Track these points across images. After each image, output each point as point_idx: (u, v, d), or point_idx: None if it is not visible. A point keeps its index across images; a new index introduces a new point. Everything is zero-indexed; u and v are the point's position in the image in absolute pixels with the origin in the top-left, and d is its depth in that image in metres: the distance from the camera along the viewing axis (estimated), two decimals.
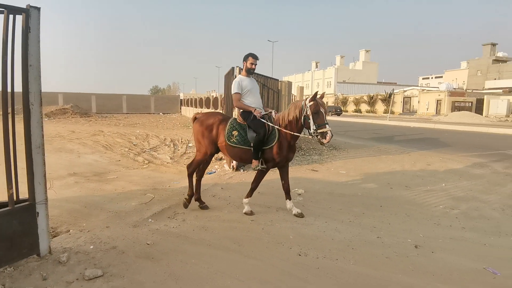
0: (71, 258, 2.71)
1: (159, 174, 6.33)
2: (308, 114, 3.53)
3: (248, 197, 3.99)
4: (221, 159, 7.80)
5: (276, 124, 3.76)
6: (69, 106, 25.40)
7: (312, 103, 3.52)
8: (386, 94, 38.65)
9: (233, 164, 6.47)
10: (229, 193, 4.86)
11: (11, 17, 2.36)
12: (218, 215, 3.93)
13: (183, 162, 7.70)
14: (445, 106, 34.67)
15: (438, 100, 36.37)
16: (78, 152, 8.64)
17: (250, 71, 4.01)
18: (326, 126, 3.46)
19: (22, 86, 2.42)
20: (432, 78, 73.76)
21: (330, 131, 3.47)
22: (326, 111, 3.59)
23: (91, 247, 2.94)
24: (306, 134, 3.75)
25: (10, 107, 2.43)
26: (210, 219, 3.78)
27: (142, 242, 3.09)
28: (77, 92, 33.98)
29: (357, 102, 45.84)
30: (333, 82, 60.76)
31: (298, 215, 3.90)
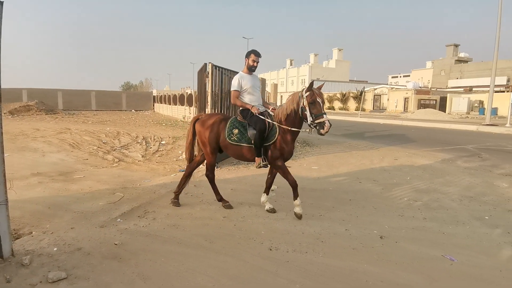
0: (34, 260, 2.62)
1: (130, 172, 6.16)
2: (304, 105, 3.47)
3: (296, 197, 3.73)
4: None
5: (275, 119, 3.72)
6: (33, 103, 23.96)
7: (308, 93, 3.45)
8: (358, 91, 39.83)
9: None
10: (202, 190, 4.82)
11: None
12: (190, 213, 3.89)
13: (155, 160, 7.55)
14: (412, 103, 36.28)
15: (405, 98, 37.99)
16: (42, 151, 8.22)
17: (251, 69, 3.98)
18: (324, 116, 3.37)
19: None
20: (400, 76, 76.87)
21: (328, 121, 3.36)
22: (324, 101, 3.50)
23: (55, 249, 2.83)
24: (306, 129, 3.64)
25: None
26: (181, 217, 3.74)
27: (109, 242, 3.01)
28: (42, 88, 32.08)
29: (330, 100, 46.85)
30: (307, 79, 61.65)
31: (270, 211, 3.94)
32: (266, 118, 3.75)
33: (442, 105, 34.06)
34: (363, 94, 33.80)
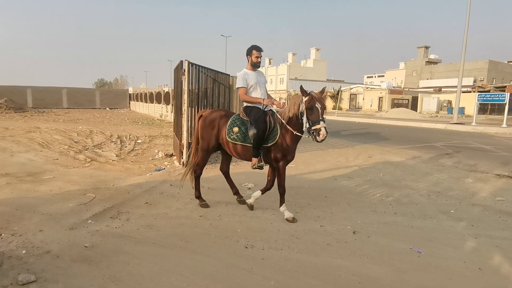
0: (5, 262, 2.57)
1: (103, 172, 5.97)
2: (302, 110, 3.36)
3: (282, 203, 3.73)
4: (171, 156, 7.60)
5: (278, 120, 3.61)
6: (2, 101, 22.65)
7: (307, 98, 3.33)
8: (335, 91, 40.63)
9: (183, 160, 6.34)
10: (178, 189, 4.75)
11: None
12: (166, 213, 3.83)
13: (130, 159, 7.36)
14: (386, 103, 37.50)
15: (380, 97, 39.22)
16: (11, 150, 7.81)
17: (256, 65, 3.86)
18: (320, 122, 3.24)
19: None
20: (375, 77, 79.26)
21: (325, 128, 3.23)
22: (324, 107, 3.35)
23: (23, 252, 2.75)
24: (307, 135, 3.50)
25: None
26: (156, 217, 3.67)
27: (79, 245, 2.91)
28: (10, 85, 30.35)
29: None
30: (285, 78, 62.13)
31: (249, 207, 3.94)
32: (270, 118, 3.66)
33: (414, 104, 35.43)
34: (340, 94, 34.53)
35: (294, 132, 3.51)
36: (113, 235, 3.15)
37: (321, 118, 3.28)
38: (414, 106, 34.98)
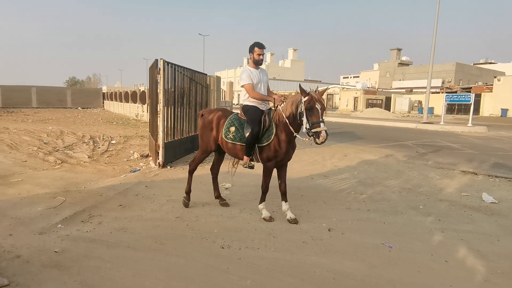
0: None
1: (74, 174, 5.74)
2: (302, 110, 3.28)
3: (262, 202, 3.77)
4: (147, 156, 7.43)
5: (274, 120, 3.55)
6: None
7: (306, 98, 3.26)
8: (312, 91, 41.30)
9: (159, 161, 6.22)
10: (153, 191, 4.66)
11: None
12: (140, 215, 3.75)
13: (104, 160, 7.12)
14: (361, 103, 38.56)
15: (355, 97, 40.28)
16: None
17: (259, 62, 3.76)
18: (321, 124, 3.18)
19: None
20: (351, 77, 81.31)
21: (325, 131, 3.17)
22: (324, 107, 3.29)
23: None
24: (304, 137, 3.43)
25: None
26: (131, 220, 3.58)
27: (49, 250, 2.80)
28: None
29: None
30: None
31: (291, 221, 3.62)
32: (265, 117, 3.60)
33: (387, 104, 36.68)
34: None
35: (294, 132, 3.47)
36: (84, 240, 3.04)
37: (321, 119, 3.23)
38: (388, 106, 36.22)
